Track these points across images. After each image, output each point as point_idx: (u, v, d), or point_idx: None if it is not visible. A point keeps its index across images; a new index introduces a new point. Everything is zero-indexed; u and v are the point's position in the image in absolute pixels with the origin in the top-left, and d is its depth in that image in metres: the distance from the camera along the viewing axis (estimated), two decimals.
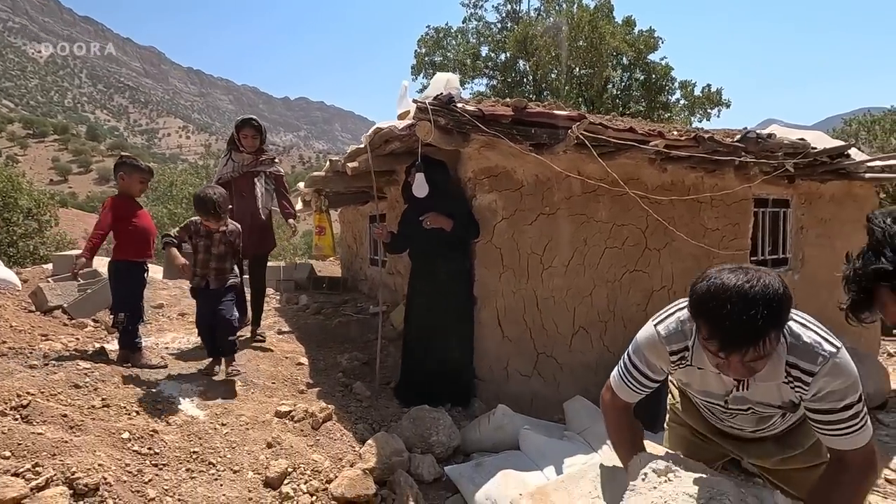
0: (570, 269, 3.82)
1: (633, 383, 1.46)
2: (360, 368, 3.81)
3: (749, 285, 1.09)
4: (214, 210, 2.99)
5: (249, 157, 4.06)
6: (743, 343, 1.10)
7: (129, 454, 2.13)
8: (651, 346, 1.40)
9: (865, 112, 18.06)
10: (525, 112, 3.05)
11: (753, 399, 1.36)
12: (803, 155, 4.22)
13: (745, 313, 1.07)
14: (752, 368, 1.18)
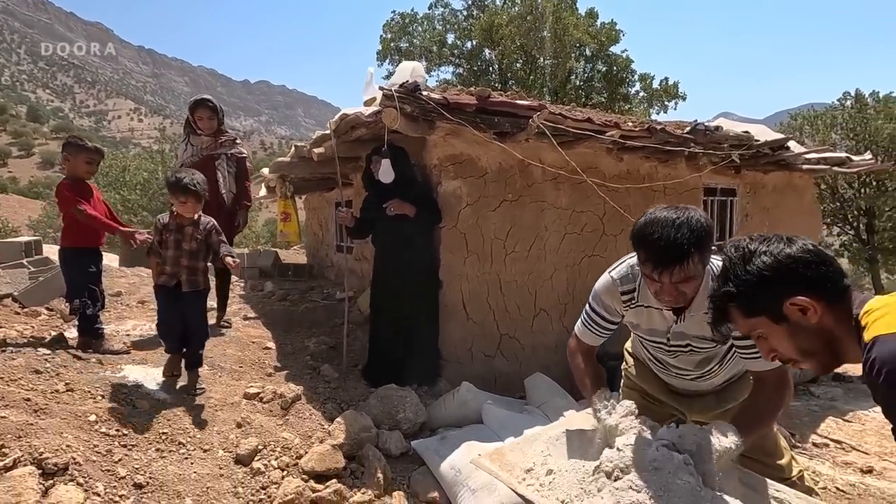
0: (531, 254, 3.97)
1: (594, 326, 1.67)
2: (328, 352, 3.87)
3: (676, 216, 1.32)
4: (193, 187, 2.66)
5: (208, 140, 3.87)
6: (671, 261, 1.30)
7: (97, 436, 2.14)
8: (606, 290, 1.62)
9: (809, 108, 19.14)
10: (488, 101, 3.15)
11: (690, 333, 1.56)
12: (747, 147, 4.51)
13: (672, 236, 1.28)
14: (682, 292, 1.38)
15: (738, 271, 1.04)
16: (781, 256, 1.00)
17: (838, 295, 0.98)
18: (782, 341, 1.04)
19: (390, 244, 3.51)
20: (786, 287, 0.99)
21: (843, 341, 0.98)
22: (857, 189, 16.63)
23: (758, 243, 1.05)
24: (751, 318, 1.05)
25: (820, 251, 1.02)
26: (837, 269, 1.01)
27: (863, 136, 16.04)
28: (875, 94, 16.98)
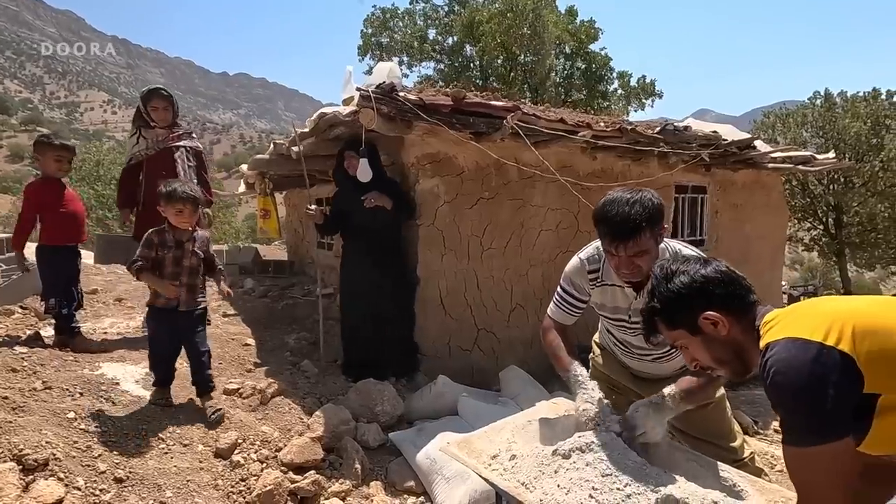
0: (508, 251, 4.08)
1: (565, 304, 1.81)
2: (308, 348, 3.92)
3: (630, 195, 1.50)
4: (191, 192, 2.52)
5: (164, 132, 3.63)
6: (626, 234, 1.46)
7: (77, 432, 2.17)
8: (575, 269, 1.79)
9: (782, 105, 19.68)
10: (464, 102, 3.23)
11: None
12: (716, 146, 4.68)
13: (627, 212, 1.46)
14: (638, 265, 1.52)
15: (662, 289, 1.18)
16: (696, 276, 1.14)
17: (744, 309, 1.12)
18: (699, 351, 1.17)
19: (363, 238, 3.53)
20: (699, 303, 1.13)
21: (749, 350, 1.11)
22: (826, 185, 17.19)
23: (678, 265, 1.19)
24: (672, 330, 1.20)
25: (730, 272, 1.16)
26: (745, 286, 1.15)
27: (831, 135, 16.59)
28: (843, 94, 17.54)
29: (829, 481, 0.91)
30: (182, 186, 2.53)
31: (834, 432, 0.89)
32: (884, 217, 16.20)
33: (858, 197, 16.52)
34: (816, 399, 0.88)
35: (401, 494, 2.45)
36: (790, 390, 0.91)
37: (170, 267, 2.54)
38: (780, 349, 0.94)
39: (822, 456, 0.90)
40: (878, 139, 16.07)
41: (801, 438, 0.93)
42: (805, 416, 0.91)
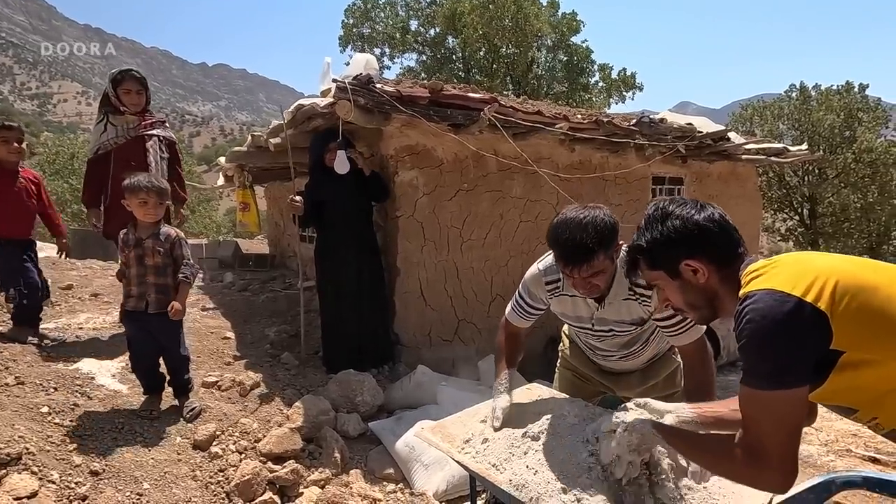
0: (487, 242, 4.12)
1: (521, 310, 1.81)
2: (289, 340, 3.92)
3: (583, 216, 1.46)
4: (155, 182, 2.39)
5: (134, 119, 3.29)
6: (578, 259, 1.46)
7: (51, 427, 2.16)
8: (533, 279, 1.76)
9: (760, 98, 20.05)
10: (441, 94, 3.24)
11: (611, 319, 1.72)
12: (691, 138, 4.77)
13: (579, 236, 1.43)
14: (594, 284, 1.54)
15: (652, 229, 1.17)
16: (689, 223, 1.13)
17: (728, 260, 1.13)
18: (674, 294, 1.20)
19: (339, 229, 3.50)
20: (684, 250, 1.13)
21: (724, 299, 1.14)
22: (801, 177, 17.60)
23: (674, 206, 1.17)
24: (652, 270, 1.20)
25: (723, 222, 1.15)
26: (734, 238, 1.15)
27: (806, 127, 16.96)
28: (818, 87, 17.92)
29: (778, 424, 0.95)
30: (147, 176, 2.40)
31: (794, 381, 0.93)
32: (856, 207, 16.67)
33: (832, 188, 16.96)
34: (784, 349, 0.92)
35: (380, 482, 2.49)
36: (760, 337, 0.94)
37: (134, 267, 2.40)
38: (757, 298, 0.96)
39: (777, 401, 0.94)
40: (851, 131, 16.50)
41: (761, 382, 0.96)
42: (769, 363, 0.94)
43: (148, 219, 2.41)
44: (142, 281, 2.40)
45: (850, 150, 16.17)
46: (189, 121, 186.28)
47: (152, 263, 2.41)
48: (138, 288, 2.41)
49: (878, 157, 16.07)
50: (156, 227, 2.44)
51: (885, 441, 3.30)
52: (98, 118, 3.34)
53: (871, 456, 3.09)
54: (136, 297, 2.41)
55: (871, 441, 3.27)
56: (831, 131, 16.47)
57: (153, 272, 2.41)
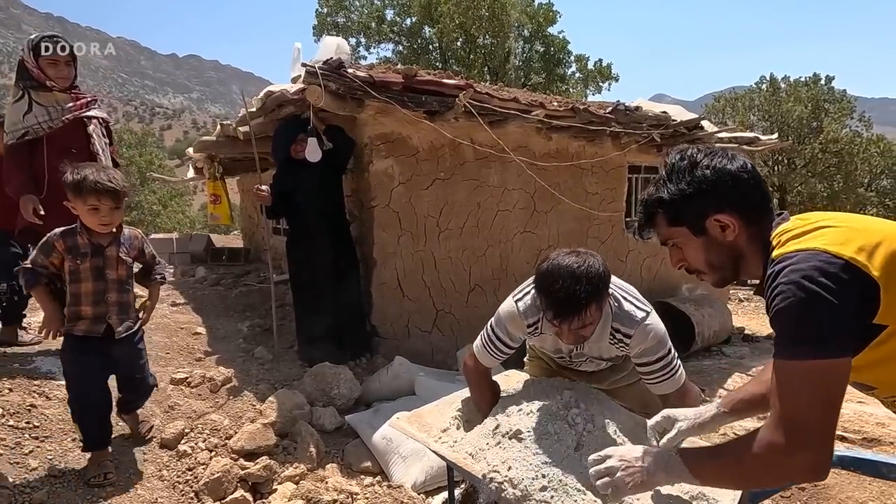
0: (465, 232, 4.08)
1: (494, 350, 1.69)
2: (262, 335, 3.82)
3: (577, 266, 1.35)
4: (109, 184, 1.85)
5: (66, 98, 2.74)
6: (570, 312, 1.35)
7: (5, 429, 2.04)
8: (511, 320, 1.63)
9: (732, 90, 20.46)
10: (415, 79, 3.17)
11: (591, 354, 1.71)
12: (665, 126, 4.80)
13: (572, 288, 1.32)
14: (581, 335, 1.46)
15: (678, 179, 1.02)
16: (722, 172, 0.99)
17: (759, 217, 1.01)
18: (695, 253, 1.05)
19: (309, 219, 3.39)
20: (715, 203, 0.99)
21: (748, 259, 1.02)
22: (771, 167, 18.06)
23: (702, 155, 1.02)
24: (672, 227, 1.06)
25: (756, 173, 1.02)
26: (766, 192, 1.03)
27: (776, 118, 17.38)
28: (787, 79, 18.36)
29: (818, 397, 0.84)
30: (97, 173, 1.85)
31: (839, 350, 0.82)
32: (822, 196, 17.21)
33: (800, 178, 17.47)
34: (829, 313, 0.81)
35: (357, 475, 2.44)
36: (804, 300, 0.82)
37: (90, 282, 1.89)
38: (800, 259, 0.85)
39: (819, 371, 0.83)
40: (818, 122, 16.98)
41: (801, 351, 0.84)
42: (811, 329, 0.83)
43: (102, 229, 1.90)
44: (100, 300, 1.91)
45: (818, 140, 16.66)
46: (160, 114, 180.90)
47: (115, 277, 1.93)
48: (94, 308, 1.90)
49: (844, 148, 16.60)
50: (116, 230, 1.97)
51: (851, 420, 3.41)
52: (16, 94, 2.71)
53: (840, 434, 3.17)
54: (91, 319, 1.89)
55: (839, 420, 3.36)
56: (799, 122, 16.93)
57: (116, 288, 1.93)
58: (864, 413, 3.39)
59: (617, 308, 1.54)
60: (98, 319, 1.92)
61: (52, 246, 1.87)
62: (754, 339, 5.79)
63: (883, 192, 18.65)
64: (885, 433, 3.08)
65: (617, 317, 1.53)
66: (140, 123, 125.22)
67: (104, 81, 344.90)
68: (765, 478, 0.94)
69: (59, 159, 2.55)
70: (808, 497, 2.46)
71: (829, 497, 2.41)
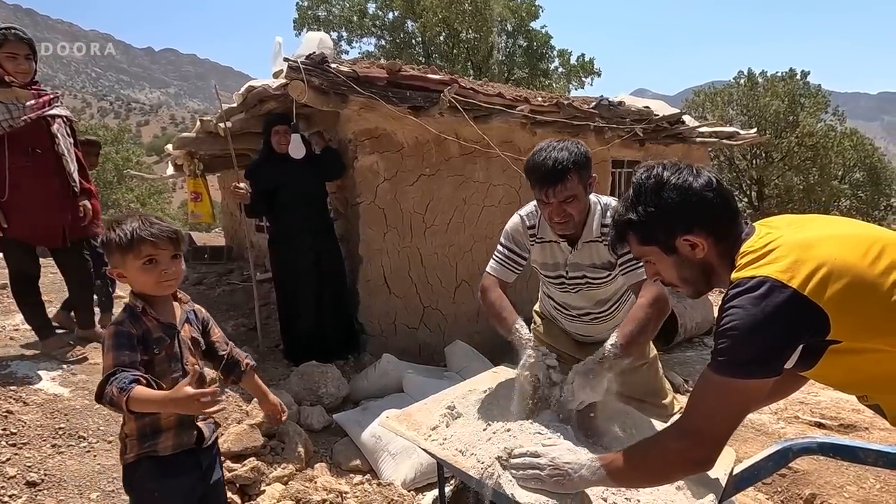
0: (451, 227, 4.07)
1: (506, 261, 1.83)
2: (247, 334, 3.77)
3: (557, 142, 1.57)
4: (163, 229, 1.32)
5: (27, 94, 2.56)
6: (554, 178, 1.51)
7: None
8: (515, 226, 1.83)
9: (711, 85, 20.76)
10: (399, 75, 3.14)
11: (584, 263, 1.75)
12: (648, 121, 4.85)
13: (554, 157, 1.52)
14: (570, 214, 1.58)
15: (647, 201, 1.05)
16: (690, 193, 1.02)
17: (726, 232, 1.04)
18: (668, 270, 1.10)
19: (293, 217, 3.35)
20: (683, 224, 1.02)
21: (719, 273, 1.07)
22: (749, 161, 18.41)
23: (669, 173, 1.05)
24: (644, 246, 1.09)
25: (722, 189, 1.04)
26: (733, 209, 1.06)
27: (753, 112, 17.70)
28: (764, 74, 18.69)
29: (728, 410, 0.93)
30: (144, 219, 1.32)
31: (765, 373, 0.90)
32: (799, 189, 17.61)
33: (777, 171, 17.84)
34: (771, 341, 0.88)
35: (346, 474, 2.42)
36: (748, 327, 0.88)
37: (167, 377, 1.31)
38: (751, 286, 0.91)
39: (739, 389, 0.91)
40: (794, 116, 17.34)
41: (731, 370, 0.91)
42: (750, 354, 0.89)
43: (167, 288, 1.35)
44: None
45: (794, 134, 17.02)
46: (136, 109, 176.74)
47: (194, 363, 1.39)
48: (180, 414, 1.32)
49: (819, 141, 16.99)
50: (172, 300, 1.42)
51: (828, 407, 3.50)
52: None
53: (817, 421, 3.26)
54: (176, 428, 1.33)
55: (815, 408, 3.45)
56: (776, 116, 17.27)
57: (197, 379, 1.32)
58: (840, 400, 3.50)
59: (604, 205, 1.71)
60: (186, 426, 1.36)
61: (129, 334, 1.27)
62: None
63: (856, 185, 19.16)
64: (860, 419, 3.17)
65: (604, 213, 1.69)
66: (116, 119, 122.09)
67: (77, 76, 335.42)
68: (668, 474, 1.05)
69: (22, 161, 2.55)
70: (788, 483, 2.53)
71: (808, 482, 2.48)
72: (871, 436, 2.95)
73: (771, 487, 2.51)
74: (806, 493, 2.41)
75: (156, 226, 1.32)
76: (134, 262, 1.28)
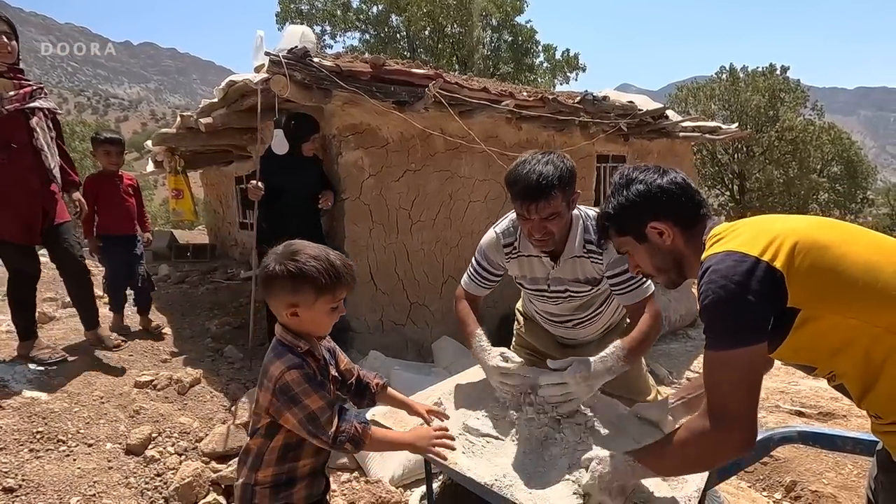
0: (437, 223, 4.06)
1: (478, 277, 1.78)
2: (232, 333, 3.72)
3: (541, 155, 1.48)
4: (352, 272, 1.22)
5: (9, 84, 2.46)
6: (536, 194, 1.43)
7: None
8: (490, 243, 1.74)
9: (694, 80, 20.99)
10: (383, 69, 3.11)
11: (566, 278, 1.71)
12: (632, 115, 4.88)
13: (538, 171, 1.43)
14: (551, 231, 1.51)
15: (618, 195, 1.19)
16: (653, 186, 1.15)
17: (692, 223, 1.15)
18: (643, 258, 1.20)
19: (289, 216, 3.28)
20: (649, 213, 1.14)
21: (689, 261, 1.16)
22: (731, 155, 18.69)
23: (637, 172, 1.19)
24: (621, 237, 1.22)
25: (686, 185, 1.16)
26: (697, 201, 1.16)
27: (735, 107, 17.95)
28: (745, 69, 18.95)
29: (738, 381, 0.96)
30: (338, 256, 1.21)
31: (751, 338, 0.94)
32: (779, 183, 17.94)
33: (758, 165, 18.14)
34: (742, 307, 0.94)
35: (334, 472, 2.41)
36: (719, 297, 0.95)
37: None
38: (718, 261, 0.98)
39: (736, 359, 0.95)
40: (774, 111, 17.63)
41: (720, 342, 0.96)
42: (728, 322, 0.95)
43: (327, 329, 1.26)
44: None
45: (774, 128, 17.31)
46: (115, 104, 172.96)
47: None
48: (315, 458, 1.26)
49: (798, 136, 17.30)
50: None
51: (808, 396, 3.58)
52: None
53: (797, 410, 3.34)
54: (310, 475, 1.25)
55: (796, 397, 3.53)
56: (757, 111, 17.54)
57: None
58: (819, 388, 3.58)
59: (587, 220, 1.64)
60: (317, 475, 1.27)
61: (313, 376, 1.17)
62: None
63: (834, 178, 19.58)
64: (838, 407, 3.25)
65: (588, 229, 1.63)
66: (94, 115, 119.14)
67: (52, 70, 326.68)
68: (703, 461, 1.07)
69: (2, 154, 2.45)
70: (770, 471, 2.58)
71: (788, 470, 2.53)
72: (848, 423, 3.02)
73: (753, 475, 2.56)
74: (787, 479, 2.46)
75: (350, 267, 1.21)
76: (325, 304, 1.17)
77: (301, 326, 1.18)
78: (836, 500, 2.24)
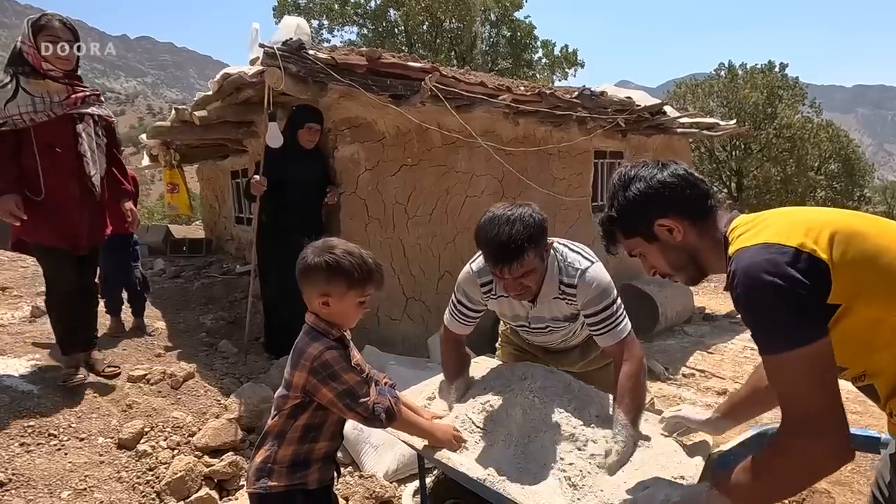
0: (433, 218, 4.04)
1: (459, 315, 1.71)
2: (227, 328, 3.71)
3: (510, 213, 1.40)
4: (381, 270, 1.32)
5: (60, 88, 2.38)
6: (507, 257, 1.37)
7: None
8: (467, 282, 1.67)
9: (692, 77, 20.98)
10: (379, 62, 3.08)
11: (546, 316, 1.69)
12: (630, 111, 4.86)
13: (508, 233, 1.36)
14: (526, 286, 1.46)
15: (619, 197, 1.12)
16: (653, 182, 1.08)
17: (701, 214, 1.07)
18: (657, 258, 1.13)
19: (292, 211, 3.27)
20: (655, 210, 1.07)
21: (706, 255, 1.08)
22: (728, 152, 18.70)
23: (635, 170, 1.12)
24: (629, 238, 1.14)
25: (689, 175, 1.09)
26: (703, 191, 1.08)
27: (733, 104, 17.94)
28: (744, 66, 18.93)
29: (810, 385, 0.85)
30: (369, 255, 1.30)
31: (814, 333, 0.85)
32: (776, 180, 17.96)
33: (756, 162, 18.16)
34: (792, 302, 0.85)
35: None
36: (764, 295, 0.86)
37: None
38: (752, 254, 0.90)
39: (804, 359, 0.85)
40: (773, 108, 17.62)
41: (779, 345, 0.86)
42: (782, 321, 0.86)
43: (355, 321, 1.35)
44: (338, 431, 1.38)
45: (772, 125, 17.31)
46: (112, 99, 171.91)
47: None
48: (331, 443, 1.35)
49: (796, 133, 17.31)
50: None
51: None
52: (2, 80, 2.36)
53: None
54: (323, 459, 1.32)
55: None
56: (755, 108, 17.54)
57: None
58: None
59: (562, 261, 1.58)
60: (329, 460, 1.33)
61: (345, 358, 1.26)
62: (714, 318, 6.01)
63: (831, 176, 19.61)
64: None
65: (562, 270, 1.58)
66: None
67: None
68: (800, 478, 0.94)
69: (45, 158, 2.35)
70: None
71: None
72: None
73: None
74: None
75: (381, 267, 1.31)
76: (355, 297, 1.27)
77: (330, 316, 1.27)
78: (830, 495, 2.24)
